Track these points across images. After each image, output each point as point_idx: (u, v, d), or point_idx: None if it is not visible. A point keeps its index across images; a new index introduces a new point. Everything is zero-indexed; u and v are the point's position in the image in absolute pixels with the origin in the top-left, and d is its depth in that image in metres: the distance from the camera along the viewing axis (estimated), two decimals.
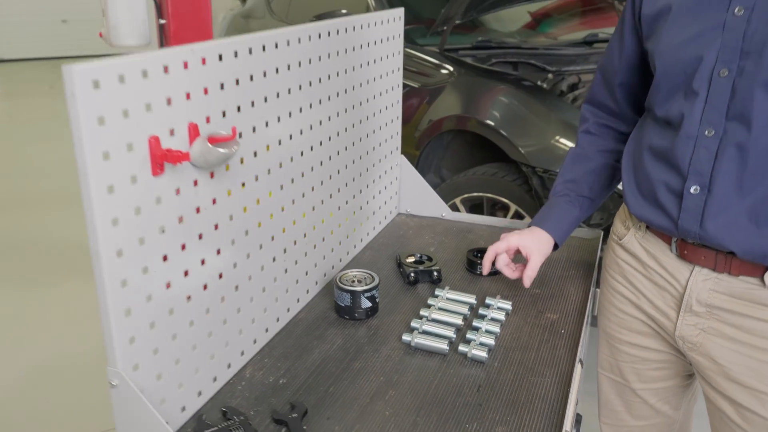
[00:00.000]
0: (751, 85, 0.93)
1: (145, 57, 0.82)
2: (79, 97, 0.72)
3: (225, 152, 0.90)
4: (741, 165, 0.96)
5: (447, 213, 1.75)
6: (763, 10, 0.92)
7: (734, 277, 1.02)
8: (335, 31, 1.29)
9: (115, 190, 0.79)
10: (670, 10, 1.03)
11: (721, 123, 0.97)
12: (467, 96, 2.53)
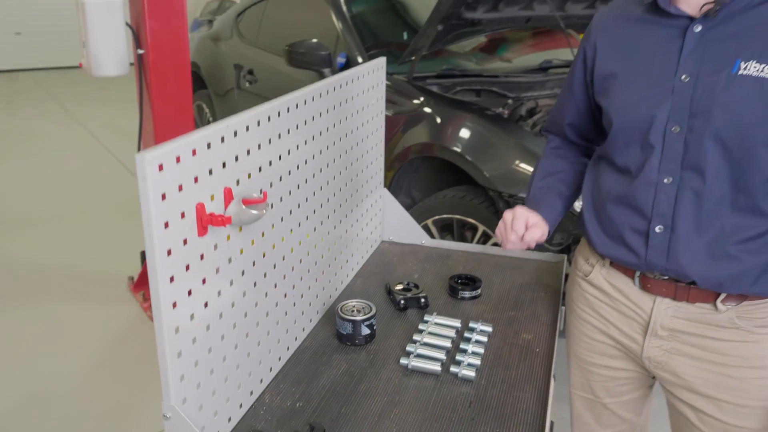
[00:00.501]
0: (702, 140, 1.11)
1: (194, 137, 0.96)
2: (149, 179, 0.87)
3: (257, 213, 1.05)
4: (698, 208, 1.14)
5: (426, 240, 1.93)
6: (705, 77, 1.11)
7: (691, 304, 1.21)
8: (327, 91, 1.45)
9: (173, 252, 0.93)
10: (624, 73, 1.22)
11: (678, 172, 1.15)
12: (434, 124, 2.71)
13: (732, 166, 1.11)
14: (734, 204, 1.13)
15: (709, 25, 1.12)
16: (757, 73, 1.06)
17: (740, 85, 1.08)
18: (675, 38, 1.15)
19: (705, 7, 1.11)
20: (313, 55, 3.08)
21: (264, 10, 3.94)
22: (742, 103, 1.07)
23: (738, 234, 1.14)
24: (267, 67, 3.73)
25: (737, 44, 1.09)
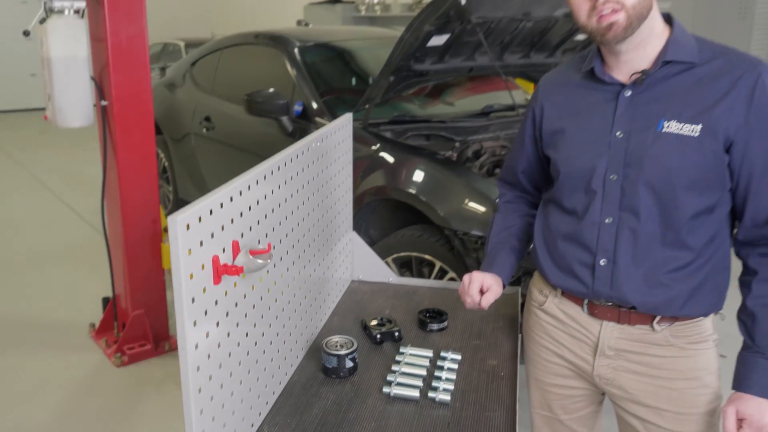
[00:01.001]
0: (635, 186, 1.33)
1: (211, 198, 1.11)
2: (179, 237, 1.01)
3: (262, 262, 1.19)
4: (634, 243, 1.35)
5: (393, 278, 2.09)
6: (636, 134, 1.32)
7: (632, 326, 1.40)
8: (307, 149, 1.61)
9: (196, 299, 1.07)
10: (568, 130, 1.43)
11: (617, 213, 1.36)
12: (390, 168, 2.90)
13: (660, 207, 1.32)
14: (664, 239, 1.34)
15: (637, 90, 1.34)
16: (677, 131, 1.29)
17: (664, 141, 1.30)
18: (610, 101, 1.37)
19: (633, 76, 1.34)
20: (271, 104, 3.24)
21: (219, 60, 4.09)
22: (667, 156, 1.29)
23: (668, 265, 1.35)
24: (224, 114, 3.86)
25: (660, 107, 1.31)
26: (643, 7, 1.27)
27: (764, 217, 1.31)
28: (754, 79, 1.25)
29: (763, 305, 1.32)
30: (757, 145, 1.27)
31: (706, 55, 1.31)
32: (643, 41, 1.32)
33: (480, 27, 2.98)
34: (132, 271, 3.13)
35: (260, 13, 10.32)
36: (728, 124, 1.26)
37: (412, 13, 7.62)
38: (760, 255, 1.34)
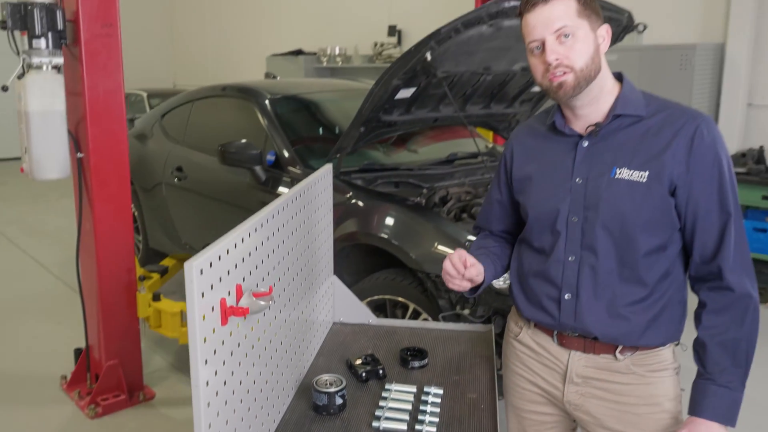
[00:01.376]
0: (593, 227, 1.48)
1: (220, 245, 1.20)
2: (195, 281, 1.10)
3: (264, 304, 1.29)
4: (594, 279, 1.49)
5: (373, 319, 2.19)
6: (593, 180, 1.48)
7: (597, 355, 1.53)
8: (295, 198, 1.72)
9: (207, 339, 1.16)
10: (536, 175, 1.58)
11: (578, 251, 1.51)
12: (363, 214, 3.02)
13: (616, 246, 1.47)
14: (621, 275, 1.49)
15: (593, 141, 1.50)
16: (627, 177, 1.45)
17: (617, 186, 1.46)
18: (570, 150, 1.53)
19: (589, 128, 1.51)
20: (244, 154, 3.34)
21: (190, 111, 4.19)
22: (619, 199, 1.45)
23: (625, 298, 1.49)
24: (196, 164, 3.94)
25: (613, 155, 1.48)
26: (590, 70, 1.43)
27: (710, 253, 1.45)
28: (693, 130, 1.42)
29: (711, 335, 1.45)
30: (699, 188, 1.43)
31: (652, 108, 1.49)
32: (596, 98, 1.49)
33: (444, 80, 3.16)
34: (106, 321, 3.14)
35: (222, 64, 10.49)
36: (672, 170, 1.42)
37: (372, 65, 7.88)
38: (709, 289, 1.48)
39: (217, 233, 4.26)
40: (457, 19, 2.79)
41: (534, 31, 1.43)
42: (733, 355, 1.44)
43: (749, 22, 5.29)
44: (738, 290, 1.44)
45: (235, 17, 10.17)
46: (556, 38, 1.41)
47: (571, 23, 1.41)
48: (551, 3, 1.41)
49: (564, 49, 1.41)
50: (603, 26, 1.47)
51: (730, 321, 1.44)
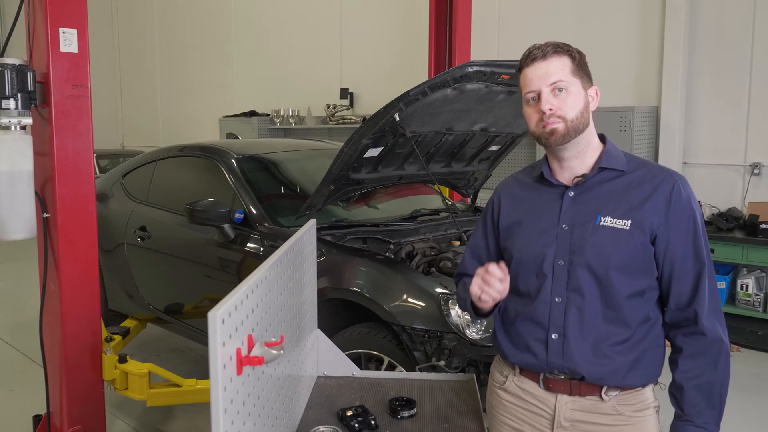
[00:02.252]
0: (580, 269, 1.58)
1: (235, 297, 1.24)
2: (218, 331, 1.13)
3: (276, 353, 1.32)
4: (580, 320, 1.58)
5: (357, 372, 2.22)
6: (578, 227, 1.59)
7: (583, 397, 1.60)
8: (288, 252, 1.77)
9: (227, 388, 1.18)
10: (523, 222, 1.68)
11: (565, 293, 1.60)
12: (335, 269, 3.06)
13: (600, 288, 1.57)
14: (605, 316, 1.58)
15: (579, 191, 1.63)
16: (612, 225, 1.57)
17: (602, 233, 1.57)
18: (556, 199, 1.65)
19: (575, 180, 1.63)
20: (212, 212, 3.36)
21: (154, 171, 4.19)
22: (604, 245, 1.57)
23: (609, 339, 1.58)
24: (161, 223, 3.93)
25: (598, 205, 1.60)
26: (579, 122, 1.58)
27: (685, 301, 1.57)
28: (671, 186, 1.57)
29: (688, 379, 1.56)
30: (676, 240, 1.56)
31: (632, 165, 1.63)
32: (582, 151, 1.62)
33: (411, 140, 3.29)
34: (70, 385, 3.04)
35: (173, 125, 10.48)
36: (652, 220, 1.55)
37: (325, 126, 8.03)
38: (684, 335, 1.59)
39: (183, 292, 4.26)
40: (424, 82, 2.94)
41: (532, 83, 1.58)
42: (709, 397, 1.54)
43: (680, 87, 5.70)
44: (712, 335, 1.55)
45: (186, 78, 10.24)
46: (551, 91, 1.56)
47: (566, 79, 1.56)
48: (549, 59, 1.57)
49: (558, 101, 1.56)
50: (592, 88, 1.62)
51: (705, 365, 1.55)
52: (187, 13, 10.14)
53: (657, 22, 5.84)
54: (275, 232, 3.37)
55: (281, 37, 8.86)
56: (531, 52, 1.60)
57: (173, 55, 10.41)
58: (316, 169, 4.05)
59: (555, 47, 1.58)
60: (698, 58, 5.68)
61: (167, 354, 4.60)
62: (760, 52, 5.38)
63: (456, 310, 2.77)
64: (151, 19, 10.75)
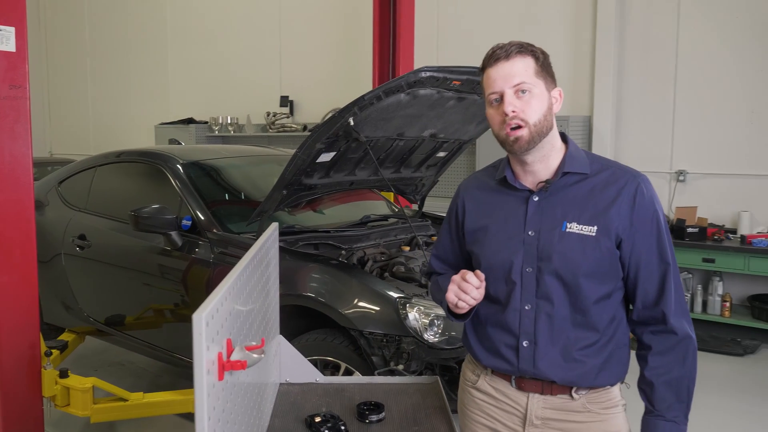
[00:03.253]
0: (548, 277, 1.58)
1: (215, 300, 1.19)
2: (203, 333, 1.09)
3: (257, 357, 1.28)
4: (550, 326, 1.59)
5: (320, 378, 2.18)
6: (545, 233, 1.59)
7: (555, 396, 1.62)
8: (257, 257, 1.73)
9: (211, 393, 1.13)
10: (490, 227, 1.67)
11: (534, 301, 1.60)
12: (290, 275, 3.01)
13: (569, 294, 1.58)
14: (574, 322, 1.59)
15: (543, 196, 1.62)
16: (577, 231, 1.58)
17: (568, 239, 1.58)
18: (521, 204, 1.65)
19: (539, 184, 1.63)
20: (158, 219, 3.25)
21: (93, 177, 4.03)
22: (570, 251, 1.57)
23: (579, 343, 1.59)
24: (102, 231, 3.77)
25: (563, 210, 1.60)
26: (543, 125, 1.57)
27: (653, 299, 1.59)
28: (635, 187, 1.58)
29: (658, 375, 1.59)
30: (641, 241, 1.57)
31: (595, 167, 1.63)
32: (546, 155, 1.62)
33: (365, 144, 3.28)
34: (6, 403, 2.87)
35: (106, 132, 10.10)
36: (618, 225, 1.56)
37: (265, 134, 7.93)
38: (652, 333, 1.61)
39: (126, 303, 4.12)
40: (379, 87, 2.94)
41: (494, 84, 1.56)
42: (678, 392, 1.58)
43: (610, 98, 5.95)
44: (680, 333, 1.58)
45: (120, 84, 9.90)
46: (514, 92, 1.54)
47: (530, 80, 1.54)
48: (512, 60, 1.54)
49: (521, 103, 1.54)
50: (556, 89, 1.61)
51: (674, 361, 1.58)
52: (120, 16, 9.83)
53: (589, 36, 6.08)
54: (225, 239, 3.29)
55: (220, 43, 8.72)
56: (494, 51, 1.58)
57: (106, 59, 10.06)
58: (264, 175, 3.99)
59: (519, 47, 1.56)
60: (627, 71, 5.94)
61: (107, 368, 4.42)
62: (683, 66, 5.67)
63: (413, 313, 2.77)
64: (81, 20, 10.36)
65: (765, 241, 4.94)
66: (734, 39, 5.44)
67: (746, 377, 4.44)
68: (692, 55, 5.63)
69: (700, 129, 5.64)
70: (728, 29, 5.46)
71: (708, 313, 5.27)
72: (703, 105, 5.61)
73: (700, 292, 5.37)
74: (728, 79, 5.48)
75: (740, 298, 5.44)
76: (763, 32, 5.31)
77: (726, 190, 5.54)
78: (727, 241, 5.19)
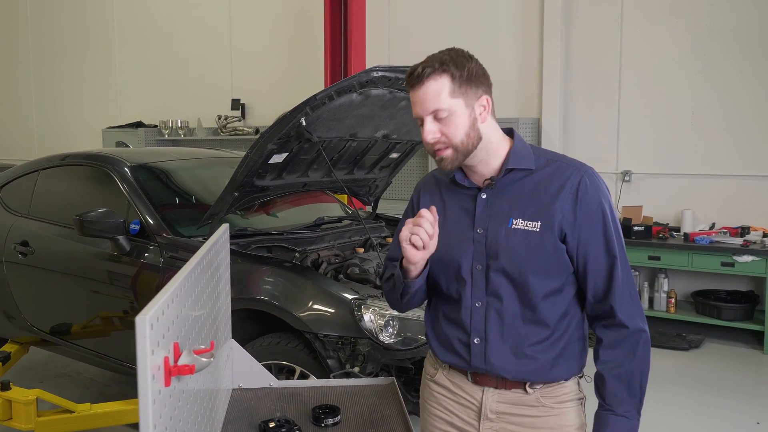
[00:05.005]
0: (496, 274, 1.59)
1: (159, 303, 1.15)
2: (147, 337, 1.05)
3: (207, 361, 1.24)
4: (500, 323, 1.60)
5: (274, 382, 2.14)
6: (492, 230, 1.60)
7: (509, 390, 1.62)
8: (206, 259, 1.69)
9: (156, 401, 1.09)
10: (441, 226, 1.61)
11: (484, 298, 1.61)
12: (242, 278, 2.96)
13: (517, 290, 1.59)
14: (524, 318, 1.60)
15: (490, 193, 1.62)
16: (523, 227, 1.57)
17: (514, 236, 1.58)
18: (470, 202, 1.65)
19: (485, 182, 1.62)
20: (105, 223, 3.16)
21: (36, 181, 3.88)
22: (516, 248, 1.57)
23: (530, 339, 1.60)
24: (46, 237, 3.64)
25: (509, 207, 1.60)
26: (467, 144, 1.54)
27: (602, 293, 1.59)
28: (578, 180, 1.56)
29: (609, 369, 1.59)
30: (586, 235, 1.57)
31: (540, 162, 1.62)
32: (484, 160, 1.60)
33: (317, 145, 3.25)
34: None
35: (51, 136, 9.77)
36: (561, 220, 1.56)
37: (216, 137, 7.80)
38: (604, 326, 1.62)
39: (72, 311, 4.00)
40: (331, 86, 2.92)
41: (414, 108, 1.55)
42: (629, 386, 1.58)
43: (558, 101, 6.08)
44: (630, 326, 1.57)
45: (65, 87, 9.59)
46: (433, 118, 1.52)
47: (445, 105, 1.50)
48: (425, 84, 1.50)
49: (441, 126, 1.52)
50: (482, 98, 1.55)
51: (624, 355, 1.58)
52: (64, 17, 9.53)
53: (536, 40, 6.20)
54: (175, 243, 3.22)
55: (169, 44, 8.54)
56: (410, 74, 1.54)
57: (50, 61, 9.74)
58: (215, 177, 3.92)
59: (431, 69, 1.51)
60: (574, 74, 6.08)
61: (53, 379, 4.26)
62: (627, 70, 5.83)
63: (368, 314, 2.75)
64: (23, 21, 10.01)
65: (707, 239, 5.10)
66: (674, 44, 5.61)
67: (692, 371, 4.57)
68: (635, 60, 5.78)
69: (644, 130, 5.80)
70: (669, 35, 5.63)
71: (654, 310, 5.40)
72: (647, 107, 5.77)
73: (646, 289, 5.51)
74: (670, 82, 5.65)
75: (684, 294, 5.61)
76: (702, 37, 5.49)
77: (669, 190, 5.71)
78: (671, 239, 5.33)
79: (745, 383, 4.32)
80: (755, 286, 5.31)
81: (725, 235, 5.16)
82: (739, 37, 5.36)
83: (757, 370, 4.59)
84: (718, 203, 5.50)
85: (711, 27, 5.46)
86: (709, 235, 5.16)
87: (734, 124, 5.43)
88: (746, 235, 5.11)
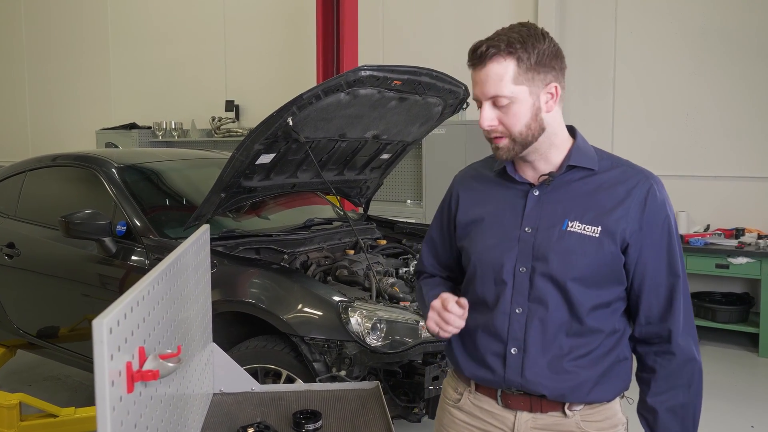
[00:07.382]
0: (542, 279, 1.43)
1: (121, 306, 1.11)
2: (105, 341, 1.00)
3: (173, 366, 1.20)
4: (543, 333, 1.43)
5: (256, 386, 2.10)
6: (543, 230, 1.45)
7: (545, 414, 1.46)
8: (180, 261, 1.65)
9: (116, 408, 1.05)
10: (483, 221, 1.53)
11: (526, 304, 1.44)
12: (229, 281, 2.92)
13: (565, 298, 1.43)
14: (570, 330, 1.44)
15: (544, 191, 1.48)
16: (579, 231, 1.42)
17: (569, 239, 1.43)
18: (519, 198, 1.50)
19: (541, 178, 1.48)
20: (91, 225, 3.12)
21: (23, 183, 3.84)
22: (570, 252, 1.42)
23: (573, 353, 1.44)
24: (32, 239, 3.60)
25: (564, 207, 1.45)
26: (527, 135, 1.42)
27: (657, 315, 1.45)
28: (647, 189, 1.43)
29: (661, 401, 1.45)
30: (649, 248, 1.43)
31: (604, 164, 1.48)
32: (544, 154, 1.47)
33: (305, 145, 3.21)
34: None
35: (44, 137, 9.72)
36: (625, 228, 1.41)
37: (210, 139, 7.76)
38: (656, 354, 1.47)
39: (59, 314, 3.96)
40: (318, 85, 2.88)
41: (474, 89, 1.42)
42: (682, 420, 1.46)
43: None
44: (686, 355, 1.45)
45: (59, 88, 9.55)
46: (492, 104, 1.40)
47: (507, 92, 1.38)
48: (488, 67, 1.38)
49: (498, 114, 1.40)
50: (550, 85, 1.42)
51: (679, 387, 1.45)
52: (58, 18, 9.49)
53: None
54: (162, 245, 3.18)
55: (163, 47, 8.51)
56: (473, 52, 1.40)
57: (44, 61, 9.69)
58: (204, 178, 3.87)
59: (496, 50, 1.37)
60: (568, 75, 5.83)
61: (41, 383, 4.22)
62: (621, 71, 5.81)
63: (355, 317, 2.71)
64: (17, 22, 9.97)
65: (701, 240, 5.07)
66: (669, 44, 5.58)
67: None
68: (630, 60, 5.75)
69: (639, 132, 5.77)
70: (663, 35, 5.60)
71: None
72: (642, 108, 5.74)
73: None
74: (664, 83, 5.62)
75: None
76: (696, 38, 5.47)
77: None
78: None
79: (740, 386, 4.28)
80: (750, 288, 5.28)
81: (720, 236, 5.13)
82: (734, 38, 5.33)
83: (752, 372, 4.55)
84: (713, 205, 5.47)
85: (705, 27, 5.43)
86: (704, 236, 5.13)
87: (729, 126, 5.40)
88: (741, 236, 5.08)
